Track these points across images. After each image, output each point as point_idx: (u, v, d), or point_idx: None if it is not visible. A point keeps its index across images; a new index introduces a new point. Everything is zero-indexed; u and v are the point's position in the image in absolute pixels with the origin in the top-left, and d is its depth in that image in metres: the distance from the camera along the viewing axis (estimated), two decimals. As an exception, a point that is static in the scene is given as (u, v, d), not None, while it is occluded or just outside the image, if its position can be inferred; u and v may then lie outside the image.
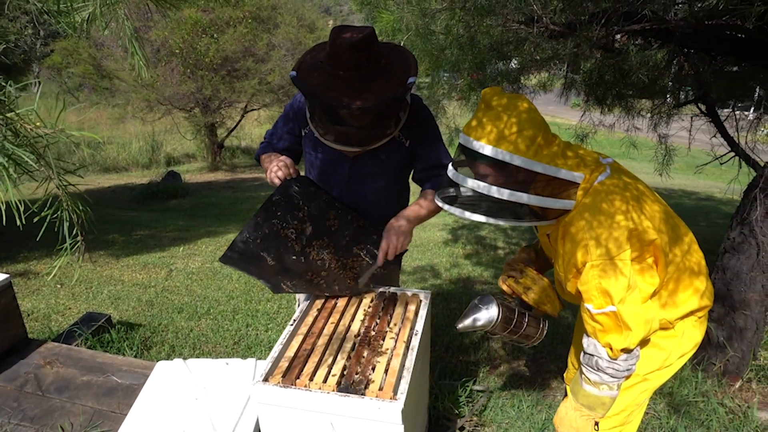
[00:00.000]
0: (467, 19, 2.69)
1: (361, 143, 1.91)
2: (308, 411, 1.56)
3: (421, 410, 2.09)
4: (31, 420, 2.31)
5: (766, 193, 2.61)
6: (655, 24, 2.58)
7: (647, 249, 1.55)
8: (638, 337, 1.50)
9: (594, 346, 1.56)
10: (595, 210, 1.53)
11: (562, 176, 1.54)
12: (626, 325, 1.48)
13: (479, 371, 3.08)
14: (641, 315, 1.50)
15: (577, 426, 1.67)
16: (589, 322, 1.57)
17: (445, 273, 5.11)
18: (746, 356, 2.84)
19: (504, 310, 1.82)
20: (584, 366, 1.61)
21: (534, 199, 1.53)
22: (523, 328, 1.86)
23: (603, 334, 1.53)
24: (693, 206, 9.31)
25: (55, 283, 4.35)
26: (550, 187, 1.56)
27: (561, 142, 1.62)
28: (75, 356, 2.74)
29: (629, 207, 1.55)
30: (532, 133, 1.50)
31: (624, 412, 1.75)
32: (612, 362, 1.54)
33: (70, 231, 0.80)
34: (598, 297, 1.50)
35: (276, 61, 12.85)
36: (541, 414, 2.63)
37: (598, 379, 1.58)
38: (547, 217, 1.65)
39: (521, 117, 1.50)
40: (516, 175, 1.53)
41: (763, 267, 2.71)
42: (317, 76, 1.80)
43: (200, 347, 3.35)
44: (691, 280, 1.65)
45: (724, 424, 2.55)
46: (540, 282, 1.87)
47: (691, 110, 3.58)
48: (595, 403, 1.62)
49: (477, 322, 1.82)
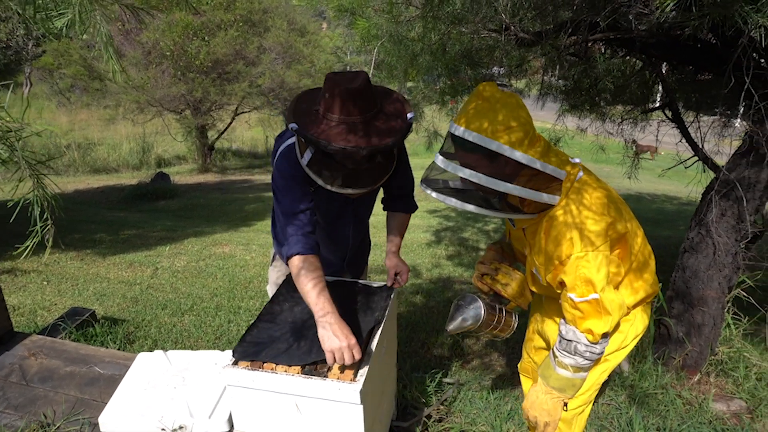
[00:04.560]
0: (440, 27, 2.81)
1: (378, 179, 1.88)
2: (275, 393, 1.67)
3: (387, 397, 2.20)
4: (15, 408, 2.39)
5: (721, 195, 2.75)
6: (618, 34, 2.72)
7: (616, 242, 1.67)
8: (616, 321, 1.63)
9: (573, 332, 1.67)
10: (580, 206, 1.63)
11: (550, 172, 1.61)
12: (606, 311, 1.60)
13: (452, 366, 3.20)
14: (617, 301, 1.62)
15: (548, 408, 1.78)
16: (569, 311, 1.67)
17: (426, 273, 5.23)
18: (704, 351, 2.97)
19: (487, 307, 1.90)
20: (560, 351, 1.72)
21: (524, 191, 1.59)
22: (502, 322, 1.97)
23: (582, 320, 1.64)
24: (674, 210, 9.50)
25: (42, 279, 4.43)
26: (534, 181, 1.62)
27: (545, 141, 1.69)
28: (59, 348, 2.83)
29: (607, 204, 1.66)
30: (524, 128, 1.56)
31: (589, 391, 1.88)
32: (590, 346, 1.66)
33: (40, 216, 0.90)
34: (581, 286, 1.61)
35: (266, 64, 12.96)
36: (507, 405, 2.75)
37: (574, 363, 1.70)
38: (527, 211, 1.70)
39: (515, 112, 1.56)
40: (504, 167, 1.58)
41: (720, 266, 2.85)
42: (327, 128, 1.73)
43: (182, 342, 3.44)
44: (644, 270, 1.80)
45: (681, 415, 2.68)
46: (516, 276, 1.95)
47: (659, 116, 3.72)
48: (567, 385, 1.74)
49: (465, 322, 1.89)
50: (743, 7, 1.67)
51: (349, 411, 1.63)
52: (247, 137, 18.20)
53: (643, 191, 10.86)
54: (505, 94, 1.60)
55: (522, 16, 2.80)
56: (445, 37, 2.82)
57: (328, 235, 2.17)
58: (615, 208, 1.68)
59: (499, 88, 1.62)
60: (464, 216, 8.20)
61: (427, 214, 8.52)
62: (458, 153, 1.64)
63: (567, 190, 1.67)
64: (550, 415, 1.80)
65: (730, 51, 2.26)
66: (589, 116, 4.20)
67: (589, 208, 1.64)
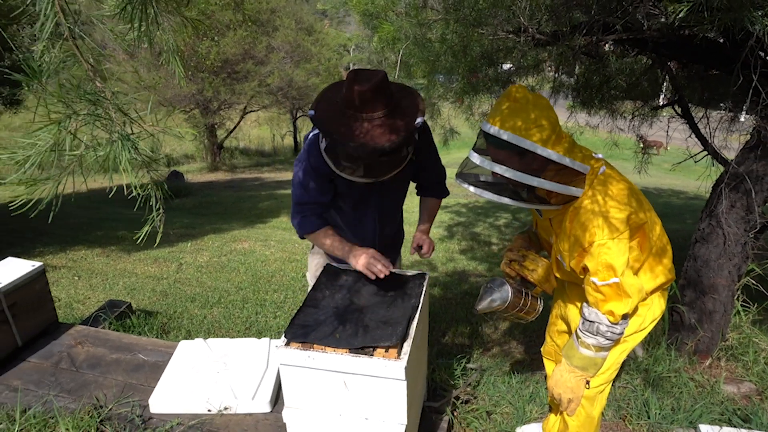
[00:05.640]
0: (460, 29, 2.95)
1: (388, 172, 2.04)
2: (325, 371, 1.82)
3: (421, 379, 2.35)
4: (68, 392, 2.56)
5: (730, 187, 2.89)
6: (631, 34, 2.86)
7: (636, 231, 1.82)
8: (635, 303, 1.77)
9: (596, 314, 1.81)
10: (604, 197, 1.78)
11: (575, 167, 1.76)
12: (626, 294, 1.74)
13: (473, 353, 3.35)
14: (636, 285, 1.76)
15: (571, 386, 1.93)
16: (592, 294, 1.81)
17: (441, 267, 5.38)
18: (715, 336, 3.11)
19: (513, 289, 2.08)
20: (583, 332, 1.87)
21: (553, 185, 1.74)
22: (528, 305, 2.13)
23: (604, 303, 1.78)
24: (681, 204, 9.61)
25: (73, 275, 4.60)
26: (560, 175, 1.76)
27: (570, 138, 1.84)
28: (103, 337, 3.00)
29: (629, 195, 1.81)
30: (550, 126, 1.71)
31: (609, 370, 2.02)
32: (611, 326, 1.80)
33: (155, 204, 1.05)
34: (603, 271, 1.75)
35: (275, 63, 13.13)
36: (528, 388, 2.90)
37: (596, 343, 1.84)
38: (554, 202, 1.86)
39: (545, 113, 1.71)
40: (532, 162, 1.73)
41: (729, 255, 2.98)
42: (341, 123, 1.89)
43: (214, 332, 3.60)
44: (662, 257, 1.94)
45: (693, 396, 2.82)
46: (542, 262, 2.11)
47: (669, 112, 3.86)
48: (589, 364, 1.89)
49: (494, 303, 2.07)
50: (752, 12, 1.80)
51: (394, 387, 1.78)
52: (254, 135, 18.38)
53: (650, 186, 10.98)
54: (535, 96, 1.75)
55: (539, 19, 2.94)
56: (466, 39, 2.95)
57: (352, 221, 2.32)
58: (636, 200, 1.83)
59: (527, 90, 1.77)
60: (475, 212, 8.34)
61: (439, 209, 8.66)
62: (490, 149, 1.79)
63: (591, 182, 1.82)
64: (574, 392, 1.95)
65: (739, 50, 2.39)
66: (600, 113, 4.33)
67: (612, 198, 1.79)
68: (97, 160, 0.94)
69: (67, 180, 0.95)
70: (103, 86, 0.88)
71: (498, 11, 2.95)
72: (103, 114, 0.89)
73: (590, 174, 1.82)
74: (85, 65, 0.87)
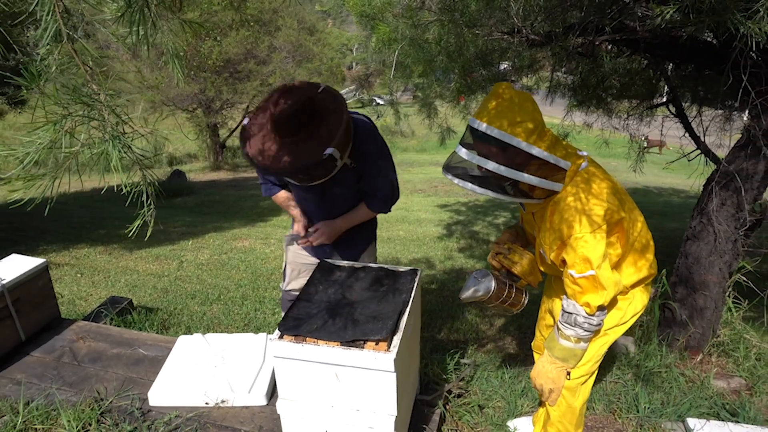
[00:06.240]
0: (456, 30, 3.00)
1: (311, 181, 2.19)
2: (317, 363, 1.88)
3: (413, 372, 2.41)
4: (70, 385, 2.62)
5: (721, 185, 2.93)
6: (624, 35, 2.90)
7: (614, 227, 1.87)
8: (611, 296, 1.83)
9: (573, 305, 1.88)
10: (583, 193, 1.85)
11: (555, 162, 1.84)
12: (602, 286, 1.81)
13: (467, 348, 3.40)
14: (612, 278, 1.82)
15: (552, 376, 1.99)
16: (570, 286, 1.88)
17: (439, 265, 5.43)
18: (706, 333, 3.16)
19: (497, 281, 2.15)
20: (562, 324, 1.93)
21: (532, 179, 1.82)
22: (512, 297, 2.19)
23: (581, 294, 1.84)
24: (681, 203, 9.64)
25: (75, 272, 4.66)
26: (542, 170, 1.84)
27: (554, 135, 1.92)
28: (104, 332, 3.06)
29: (609, 192, 1.87)
30: (534, 124, 1.80)
31: (590, 362, 2.07)
32: (588, 318, 1.86)
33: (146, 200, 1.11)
34: (580, 263, 1.82)
35: (277, 63, 13.19)
36: (521, 383, 2.95)
37: (574, 334, 1.90)
38: (536, 196, 1.95)
39: (528, 110, 1.80)
40: (515, 157, 1.80)
41: (720, 252, 3.03)
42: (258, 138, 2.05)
43: (213, 328, 3.67)
44: (643, 254, 1.99)
45: (683, 391, 2.87)
46: (526, 255, 2.19)
47: (663, 112, 3.90)
48: (569, 355, 1.94)
49: (477, 292, 2.14)
50: (735, 15, 1.85)
51: (383, 379, 1.84)
52: (257, 135, 18.45)
53: (651, 185, 11.01)
54: (521, 95, 1.84)
55: (533, 20, 2.98)
56: (461, 39, 3.00)
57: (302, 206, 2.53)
58: (616, 197, 1.88)
59: (515, 89, 1.85)
60: (474, 210, 8.39)
61: (438, 208, 8.72)
62: (477, 144, 1.88)
63: (571, 178, 1.89)
64: (554, 382, 2.01)
65: (729, 51, 2.44)
66: (596, 112, 4.38)
67: (592, 194, 1.85)
68: (92, 158, 1.00)
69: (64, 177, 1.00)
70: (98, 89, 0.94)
71: (493, 12, 3.00)
72: (97, 115, 0.94)
73: (570, 170, 1.89)
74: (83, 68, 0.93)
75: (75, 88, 0.92)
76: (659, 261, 2.13)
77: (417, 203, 9.54)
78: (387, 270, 2.38)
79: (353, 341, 1.88)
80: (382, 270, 2.38)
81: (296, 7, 14.79)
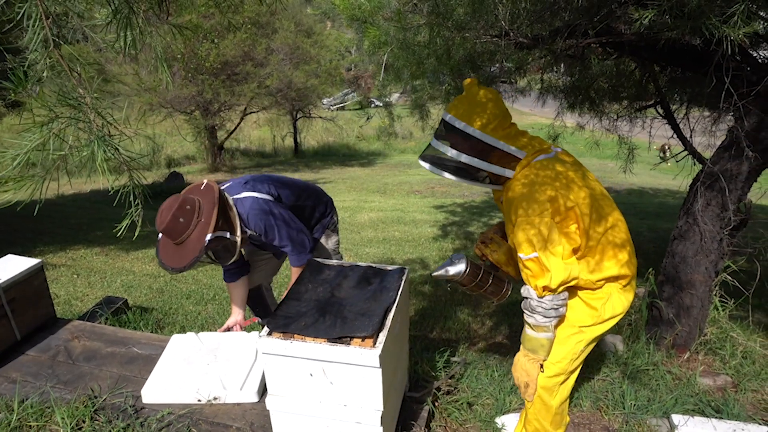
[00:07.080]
0: (445, 33, 3.05)
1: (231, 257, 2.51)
2: (304, 359, 1.92)
3: (401, 369, 2.45)
4: (64, 384, 2.66)
5: (706, 186, 2.98)
6: (610, 38, 2.95)
7: (569, 215, 1.94)
8: (557, 279, 1.87)
9: (527, 289, 1.95)
10: (528, 180, 1.97)
11: (506, 150, 1.98)
12: (546, 268, 1.87)
13: (459, 347, 3.44)
14: (559, 263, 1.87)
15: (526, 369, 2.04)
16: (522, 270, 1.95)
17: (434, 265, 5.47)
18: (693, 331, 3.20)
19: (472, 266, 2.23)
20: (524, 312, 2.00)
21: (483, 164, 1.98)
22: (488, 284, 2.25)
23: (533, 278, 1.91)
24: (676, 204, 9.68)
25: (72, 273, 4.70)
26: (495, 157, 2.00)
27: (516, 129, 2.06)
28: (99, 332, 3.10)
29: (555, 180, 1.96)
30: (492, 115, 1.96)
31: (564, 359, 2.09)
32: (540, 301, 1.92)
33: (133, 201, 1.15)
34: (524, 245, 1.90)
35: (274, 65, 13.24)
36: (510, 381, 2.98)
37: (534, 321, 1.96)
38: (489, 182, 2.10)
39: (488, 103, 1.97)
40: (476, 146, 1.96)
41: (706, 252, 3.08)
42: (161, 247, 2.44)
43: (207, 327, 3.71)
44: (615, 251, 2.01)
45: (670, 388, 2.91)
46: (504, 245, 2.28)
47: (652, 113, 3.95)
48: (536, 346, 1.99)
49: (448, 272, 2.24)
50: (711, 19, 1.90)
51: (369, 374, 1.88)
52: (255, 137, 18.50)
53: (646, 186, 11.06)
54: (485, 90, 2.01)
55: (520, 23, 3.03)
56: (450, 42, 3.05)
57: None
58: (570, 187, 1.95)
59: (478, 84, 2.03)
60: (470, 211, 8.43)
61: (434, 209, 8.76)
62: (447, 135, 2.05)
63: (523, 167, 2.01)
64: (528, 374, 2.06)
65: (711, 54, 2.49)
66: (587, 113, 4.43)
67: (538, 182, 1.95)
68: (81, 159, 1.04)
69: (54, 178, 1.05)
70: (84, 92, 0.98)
71: (481, 16, 3.05)
72: (83, 118, 0.99)
73: (526, 159, 2.00)
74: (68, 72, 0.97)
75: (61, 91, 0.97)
76: (652, 261, 2.18)
77: (413, 204, 9.58)
78: (375, 269, 2.42)
79: (340, 338, 1.92)
80: (371, 269, 2.43)
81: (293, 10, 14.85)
